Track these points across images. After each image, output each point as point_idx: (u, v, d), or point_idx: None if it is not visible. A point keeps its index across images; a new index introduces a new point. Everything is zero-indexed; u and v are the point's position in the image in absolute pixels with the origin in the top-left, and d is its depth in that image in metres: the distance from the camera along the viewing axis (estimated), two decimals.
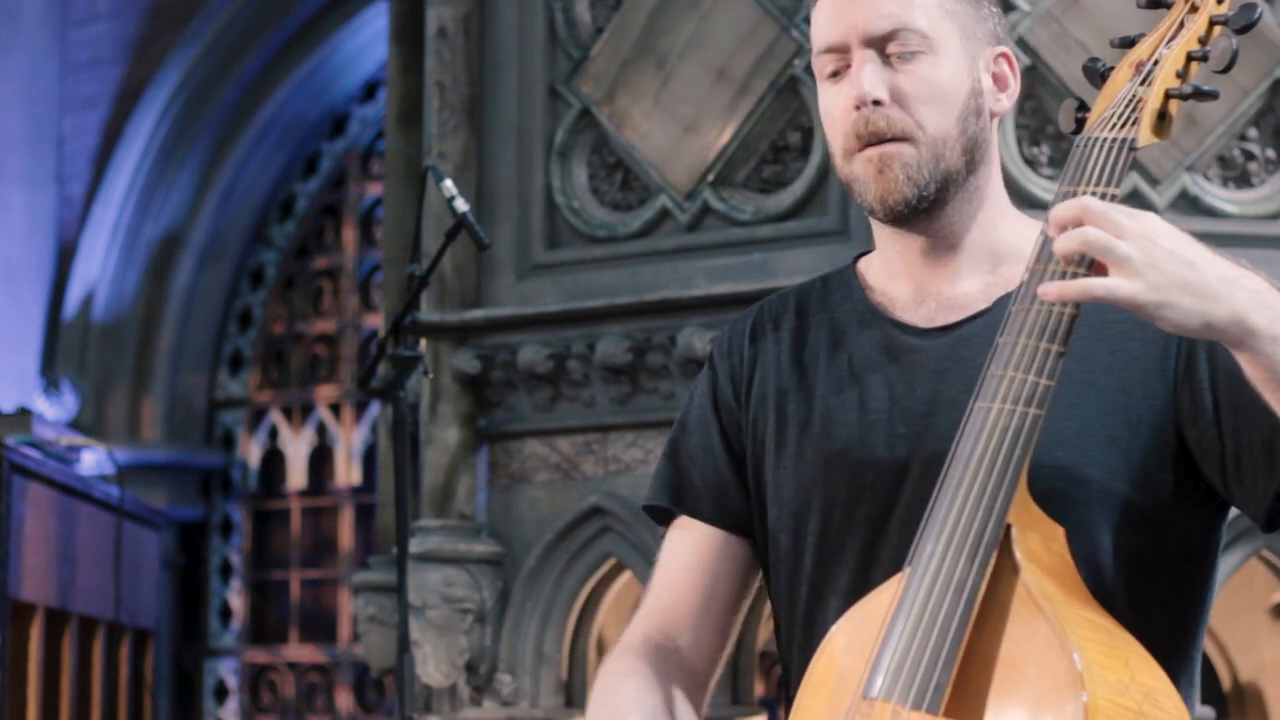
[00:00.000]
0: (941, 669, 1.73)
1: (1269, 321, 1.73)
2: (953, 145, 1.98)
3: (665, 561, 2.12)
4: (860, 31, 1.97)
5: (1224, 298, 1.72)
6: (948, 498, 1.79)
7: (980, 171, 2.02)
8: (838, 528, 1.99)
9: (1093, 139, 1.86)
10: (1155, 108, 1.86)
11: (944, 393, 1.95)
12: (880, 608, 1.81)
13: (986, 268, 2.01)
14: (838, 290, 2.11)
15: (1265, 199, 4.86)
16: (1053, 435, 1.87)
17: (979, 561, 1.76)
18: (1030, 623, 1.75)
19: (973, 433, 1.79)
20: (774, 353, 2.09)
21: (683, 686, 2.03)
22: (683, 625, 2.07)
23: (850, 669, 1.81)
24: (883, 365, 2.01)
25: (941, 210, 2.00)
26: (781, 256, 4.97)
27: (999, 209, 2.05)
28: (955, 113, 1.98)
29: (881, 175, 1.96)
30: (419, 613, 5.16)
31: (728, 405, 2.11)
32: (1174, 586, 1.94)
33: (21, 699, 5.80)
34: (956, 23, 2.00)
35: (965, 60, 2.00)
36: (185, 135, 8.68)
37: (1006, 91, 2.05)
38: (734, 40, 5.09)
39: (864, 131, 1.97)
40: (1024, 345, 1.78)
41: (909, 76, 1.97)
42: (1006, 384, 1.78)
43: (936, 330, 2.00)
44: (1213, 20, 1.89)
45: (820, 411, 2.02)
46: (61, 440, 6.88)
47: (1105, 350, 1.94)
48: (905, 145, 1.96)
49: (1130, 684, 1.73)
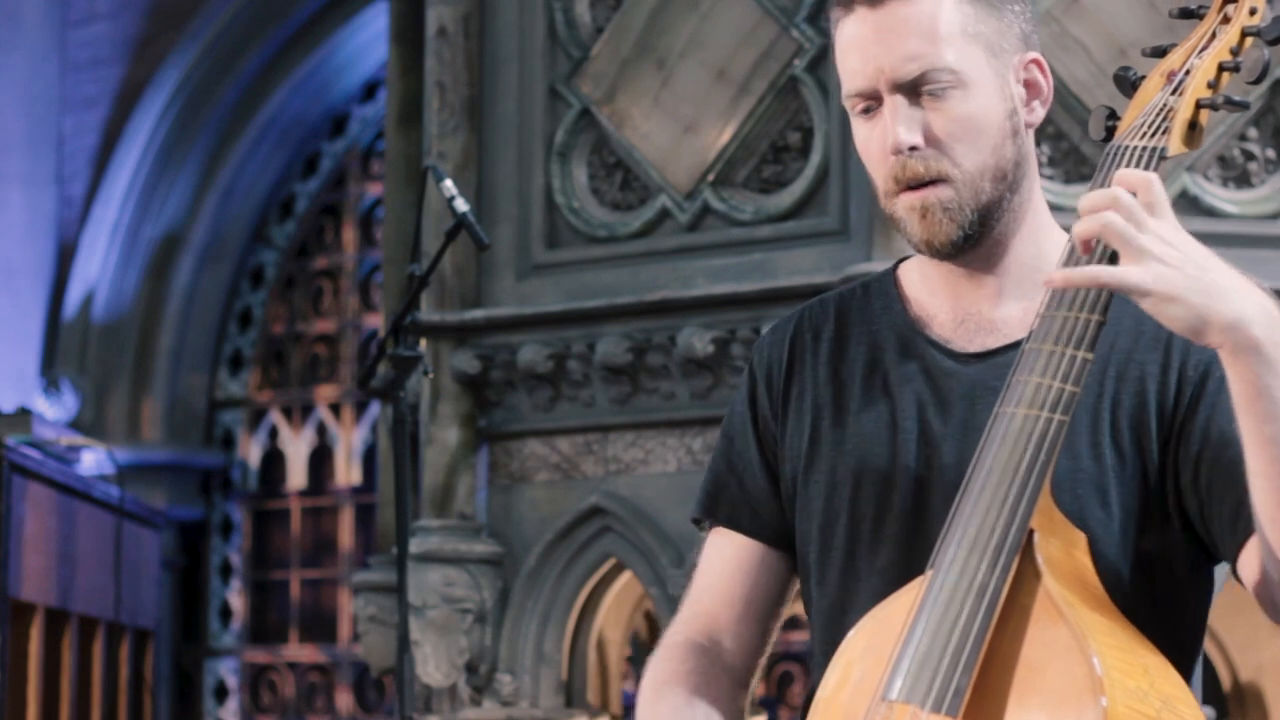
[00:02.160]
0: (961, 672, 1.73)
1: (1270, 341, 1.73)
2: (991, 175, 1.96)
3: (706, 567, 2.12)
4: (889, 77, 1.94)
5: (1231, 302, 1.72)
6: (971, 502, 1.79)
7: (1023, 188, 2.00)
8: (864, 545, 1.99)
9: (1123, 147, 1.85)
10: (1186, 117, 1.85)
11: (973, 420, 1.94)
12: (900, 611, 1.81)
13: (1028, 289, 1.99)
14: (878, 299, 2.08)
15: (1265, 199, 4.87)
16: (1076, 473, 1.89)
17: (1001, 565, 1.75)
18: (1051, 627, 1.74)
19: (997, 438, 1.79)
20: (812, 365, 2.07)
21: (726, 687, 2.06)
22: (724, 629, 2.08)
23: (870, 671, 1.80)
24: (917, 386, 2.00)
25: (988, 237, 1.98)
26: (781, 256, 4.97)
27: (1041, 222, 2.03)
28: (991, 142, 1.96)
29: (925, 220, 1.95)
30: (419, 613, 5.16)
31: (764, 417, 2.10)
32: (1178, 598, 1.95)
33: (21, 699, 5.80)
34: (982, 42, 1.96)
35: (996, 82, 1.97)
36: (185, 135, 8.68)
37: (1040, 98, 2.01)
38: (734, 40, 5.08)
39: (902, 176, 1.95)
40: (1050, 351, 1.78)
41: (941, 115, 1.94)
42: (1032, 390, 1.78)
43: (972, 356, 1.99)
44: (1245, 31, 1.89)
45: (852, 428, 2.02)
46: (61, 440, 6.87)
47: (1130, 392, 1.93)
48: (944, 187, 1.94)
49: (1149, 691, 1.73)
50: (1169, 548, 1.93)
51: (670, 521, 4.99)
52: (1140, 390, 1.93)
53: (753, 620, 2.09)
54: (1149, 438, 1.92)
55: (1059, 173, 4.80)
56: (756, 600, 2.09)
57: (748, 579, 2.09)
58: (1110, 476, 1.91)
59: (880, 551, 1.98)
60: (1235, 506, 1.85)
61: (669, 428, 5.12)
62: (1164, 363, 1.92)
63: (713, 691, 2.03)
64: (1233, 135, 4.87)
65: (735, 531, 2.10)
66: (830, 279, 4.62)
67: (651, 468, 5.14)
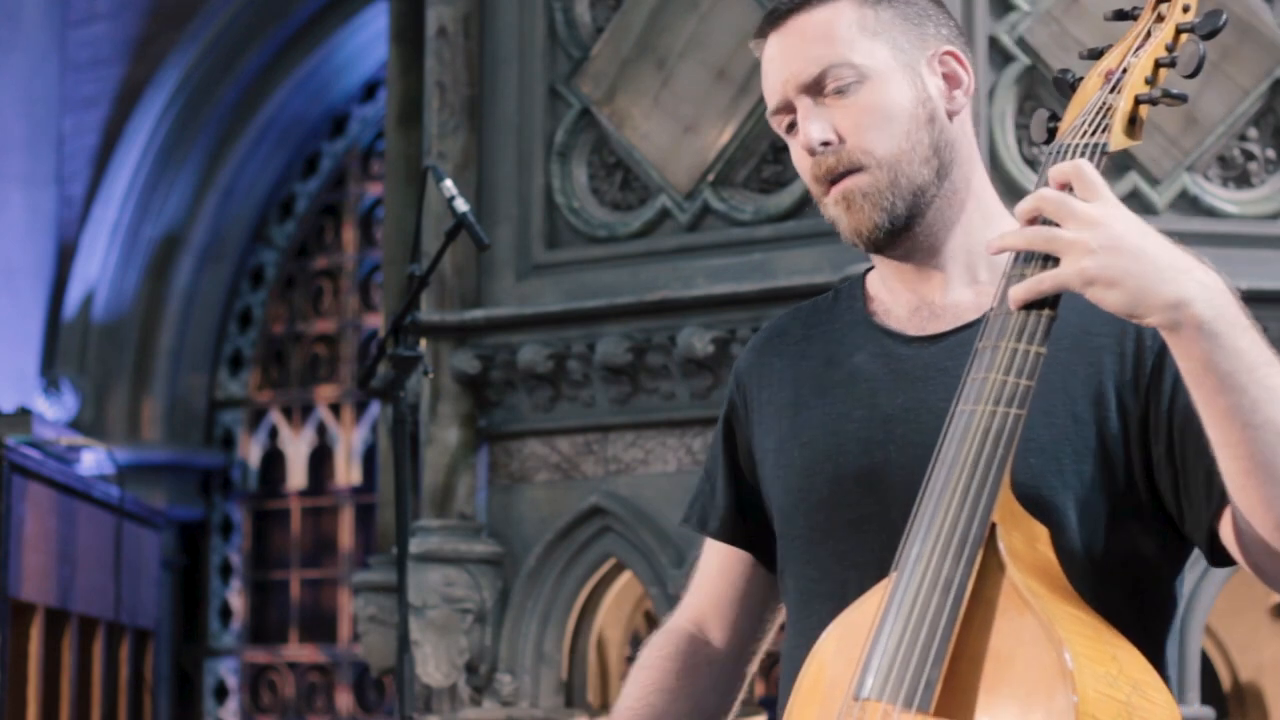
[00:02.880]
0: (931, 667, 1.74)
1: (1212, 316, 1.74)
2: (908, 159, 2.00)
3: (701, 566, 2.23)
4: (794, 83, 2.02)
5: (1170, 282, 1.74)
6: (933, 499, 1.80)
7: (954, 174, 2.03)
8: (820, 533, 2.02)
9: (1065, 145, 1.88)
10: (1126, 110, 1.89)
11: (925, 400, 1.97)
12: (869, 612, 1.82)
13: (976, 274, 2.03)
14: (844, 301, 2.13)
15: (1265, 199, 4.87)
16: (1028, 442, 1.88)
17: (965, 559, 1.77)
18: (1018, 619, 1.75)
19: (956, 435, 1.81)
20: (778, 368, 2.12)
21: (705, 675, 2.18)
22: (713, 624, 2.20)
23: (841, 673, 1.82)
24: (871, 373, 2.04)
25: (920, 223, 2.02)
26: (781, 256, 4.97)
27: (984, 211, 2.06)
28: (903, 128, 2.00)
29: (849, 210, 2.00)
30: (419, 613, 5.16)
31: (739, 423, 2.16)
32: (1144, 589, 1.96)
33: (21, 699, 5.80)
34: (884, 40, 2.02)
35: (903, 73, 2.02)
36: (185, 135, 8.68)
37: (961, 88, 2.05)
38: (734, 40, 5.09)
39: (820, 174, 2.01)
40: (1004, 348, 1.80)
41: (847, 110, 2.00)
42: (989, 386, 1.80)
43: (924, 339, 2.03)
44: (1179, 28, 1.93)
45: (808, 419, 2.06)
46: (61, 440, 6.87)
47: (1085, 362, 1.95)
48: (861, 175, 1.99)
49: (1119, 676, 1.74)
50: (1132, 522, 1.94)
51: (670, 521, 4.99)
52: (1096, 361, 1.95)
53: (739, 617, 2.19)
54: (1107, 406, 1.94)
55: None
56: (739, 600, 2.19)
57: (726, 580, 2.19)
58: (1065, 446, 1.93)
59: (837, 537, 2.01)
60: (1208, 474, 1.86)
61: (669, 428, 5.13)
62: (1119, 333, 1.94)
63: (689, 678, 2.16)
64: (1233, 135, 4.87)
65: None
66: (830, 279, 4.62)
67: (651, 468, 5.14)
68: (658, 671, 2.17)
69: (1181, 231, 4.61)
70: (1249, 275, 4.59)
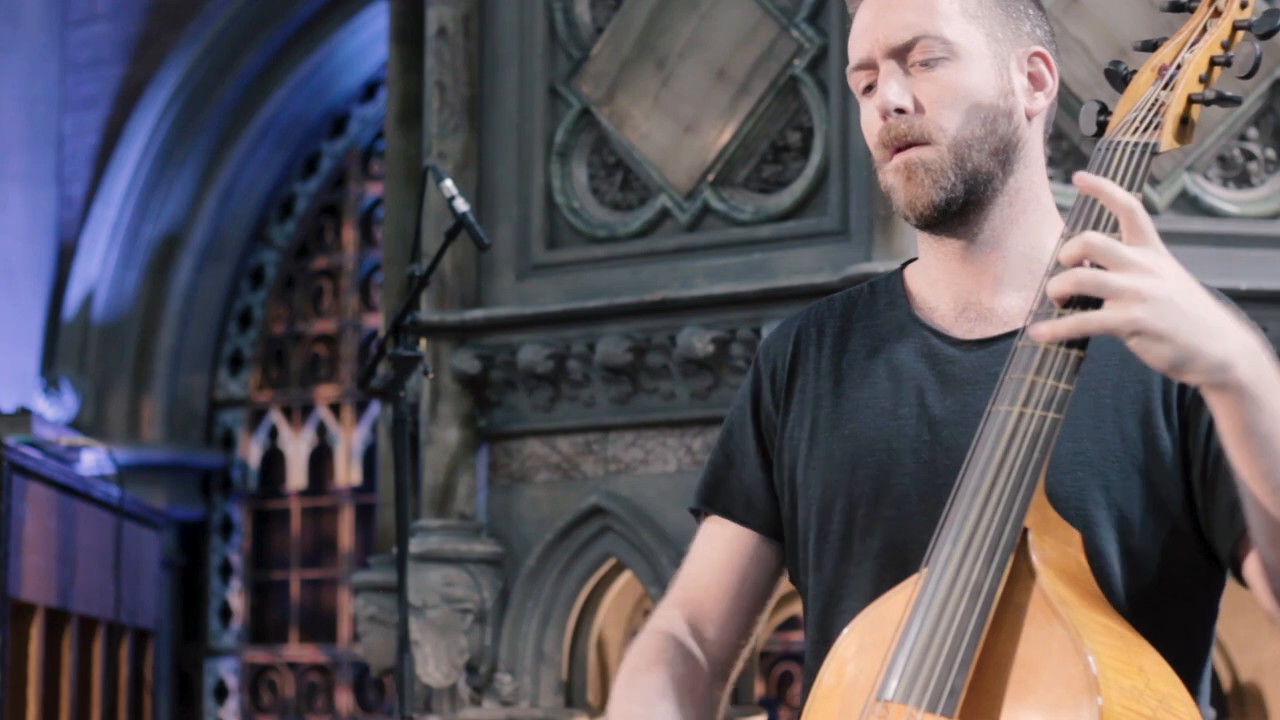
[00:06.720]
0: (957, 672, 1.72)
1: (1254, 379, 1.72)
2: (979, 146, 1.99)
3: (696, 555, 2.15)
4: (883, 45, 2.00)
5: (1216, 341, 1.71)
6: (965, 501, 1.78)
7: (1019, 174, 2.02)
8: (860, 528, 2.00)
9: (1115, 143, 1.85)
10: (1178, 112, 1.86)
11: (971, 405, 1.94)
12: (895, 610, 1.80)
13: (1028, 280, 2.00)
14: (883, 297, 2.11)
15: (1265, 199, 4.86)
16: (1076, 456, 1.88)
17: (996, 564, 1.75)
18: (1046, 626, 1.74)
19: (991, 436, 1.79)
20: (815, 359, 2.09)
21: (704, 677, 2.09)
22: (708, 620, 2.11)
23: (864, 671, 1.80)
24: (917, 371, 2.01)
25: (976, 214, 2.00)
26: (781, 256, 4.97)
27: (1043, 217, 2.04)
28: (981, 114, 1.99)
29: (909, 181, 1.99)
30: (419, 613, 5.16)
31: (766, 409, 2.12)
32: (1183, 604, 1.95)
33: (21, 699, 5.80)
34: (982, 26, 2.01)
35: (991, 62, 2.00)
36: (185, 135, 8.68)
37: (1044, 90, 2.04)
38: (734, 40, 5.08)
39: (888, 139, 2.00)
40: (1044, 349, 1.78)
41: (930, 83, 1.99)
42: (1026, 388, 1.78)
43: (973, 343, 2.00)
44: (1236, 25, 1.89)
45: (850, 413, 2.03)
46: (61, 440, 6.87)
47: (1134, 380, 1.94)
48: (927, 149, 1.98)
49: (1145, 690, 1.72)
50: (1172, 539, 1.93)
51: (670, 521, 4.98)
52: (1145, 379, 1.93)
53: (738, 613, 2.11)
54: (1155, 425, 1.92)
55: (1059, 173, 4.79)
56: (744, 593, 2.11)
57: (737, 571, 2.12)
58: (1111, 461, 1.91)
59: (876, 535, 1.98)
60: (1230, 506, 1.85)
61: (669, 428, 5.12)
62: None
63: (688, 681, 2.06)
64: (1233, 135, 4.87)
65: (729, 521, 2.12)
66: (830, 279, 4.62)
67: (651, 468, 5.14)
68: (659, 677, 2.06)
69: (1181, 231, 4.63)
70: (1249, 275, 4.59)
